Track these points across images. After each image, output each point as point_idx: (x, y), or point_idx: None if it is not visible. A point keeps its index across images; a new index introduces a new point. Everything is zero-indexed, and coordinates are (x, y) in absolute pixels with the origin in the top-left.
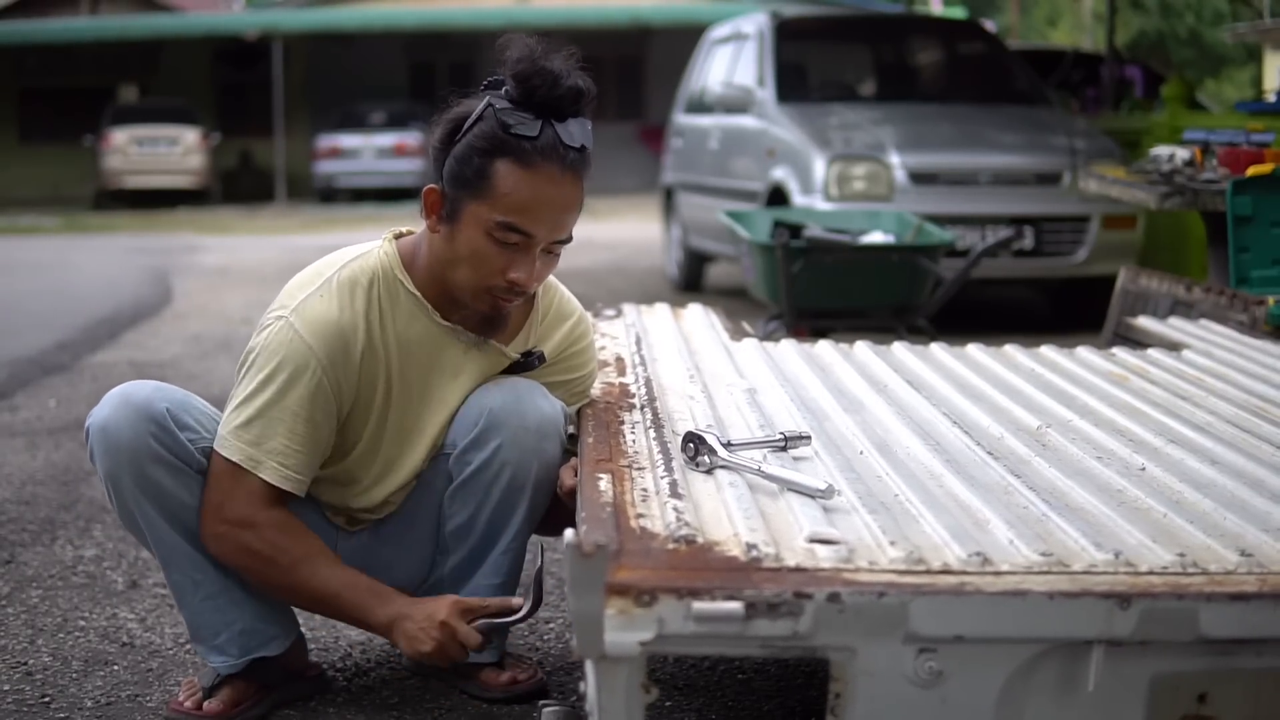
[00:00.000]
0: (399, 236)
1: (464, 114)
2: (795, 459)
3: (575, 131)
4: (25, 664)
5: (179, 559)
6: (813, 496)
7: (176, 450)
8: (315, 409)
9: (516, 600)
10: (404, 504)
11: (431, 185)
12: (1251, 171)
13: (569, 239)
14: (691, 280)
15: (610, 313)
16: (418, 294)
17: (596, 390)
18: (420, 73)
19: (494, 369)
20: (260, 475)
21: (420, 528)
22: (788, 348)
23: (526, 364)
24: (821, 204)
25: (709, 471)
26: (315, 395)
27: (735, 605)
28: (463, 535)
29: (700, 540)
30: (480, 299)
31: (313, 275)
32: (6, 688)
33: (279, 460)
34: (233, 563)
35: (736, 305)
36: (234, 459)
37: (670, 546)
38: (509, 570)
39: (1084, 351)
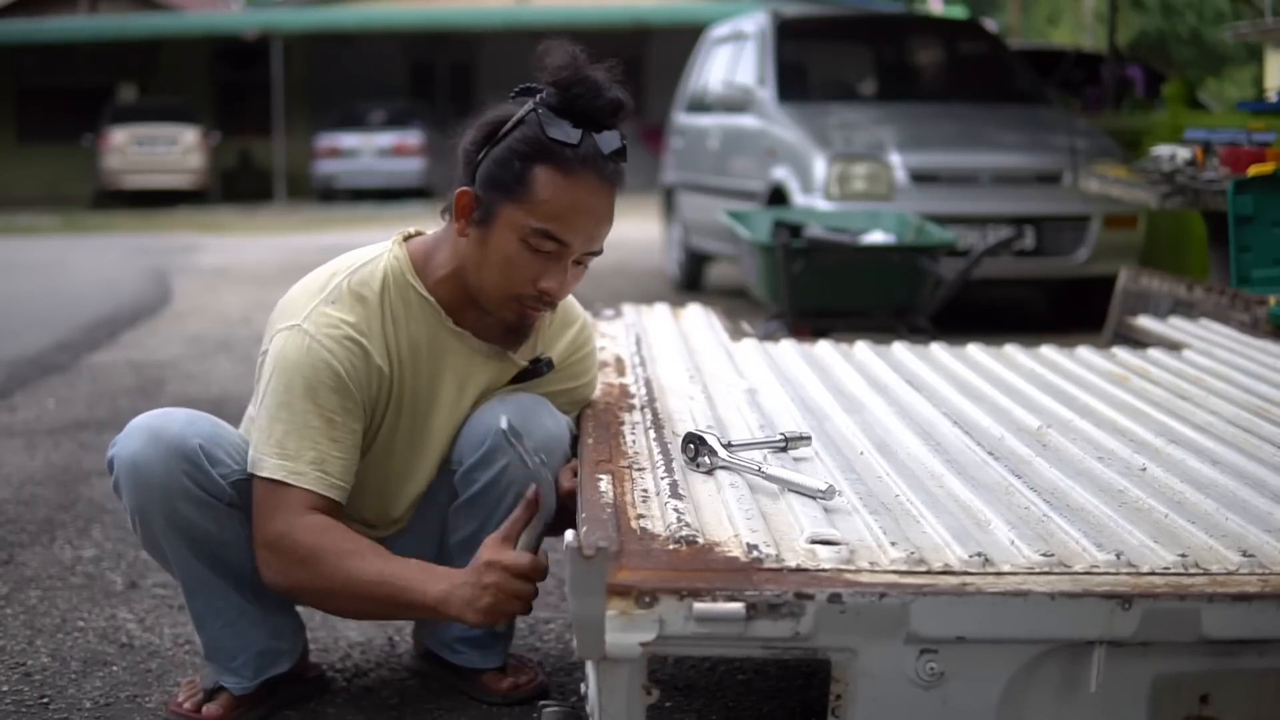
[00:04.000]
0: (408, 238)
1: (502, 117)
2: (796, 460)
3: (613, 143)
4: (24, 665)
5: (202, 587)
6: (813, 497)
7: (208, 487)
8: (346, 414)
9: (530, 491)
10: (410, 519)
11: (465, 188)
12: (1253, 171)
13: (600, 251)
14: (691, 280)
15: (610, 313)
16: (429, 298)
17: (596, 391)
18: (420, 72)
19: (502, 376)
20: (303, 486)
21: (425, 542)
22: (788, 348)
23: (535, 371)
24: (822, 204)
25: (709, 472)
26: (342, 401)
27: (736, 606)
28: (468, 546)
29: (701, 541)
30: (507, 307)
31: (324, 281)
32: (5, 689)
33: (321, 469)
34: (285, 587)
35: (736, 305)
36: (275, 477)
37: (671, 547)
38: None
39: (1085, 351)
